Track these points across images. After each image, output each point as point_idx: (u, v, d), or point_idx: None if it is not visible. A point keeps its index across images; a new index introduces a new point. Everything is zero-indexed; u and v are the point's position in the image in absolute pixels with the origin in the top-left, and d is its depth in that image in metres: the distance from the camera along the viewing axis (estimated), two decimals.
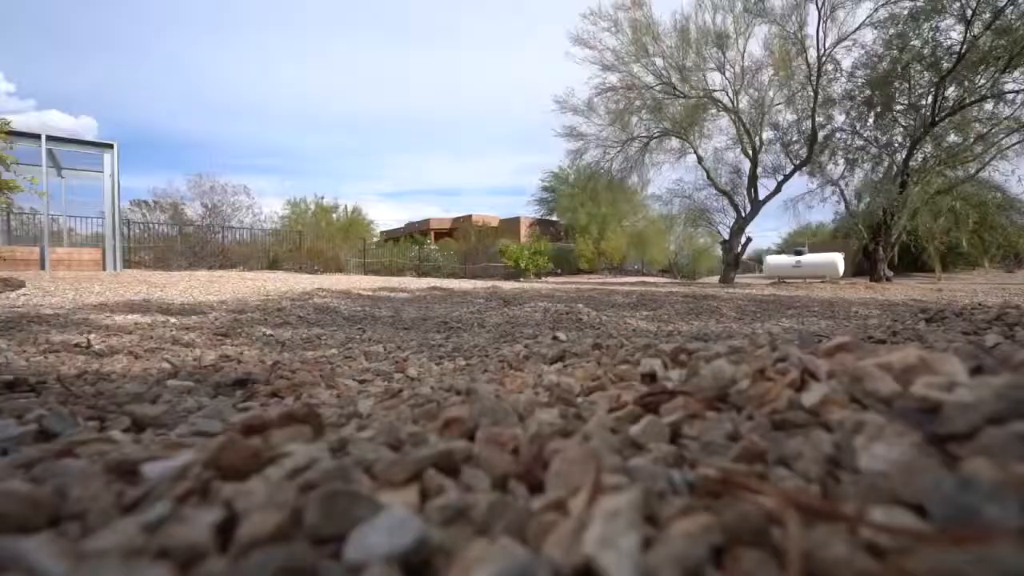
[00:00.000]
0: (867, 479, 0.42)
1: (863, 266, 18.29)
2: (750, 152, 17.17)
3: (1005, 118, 14.30)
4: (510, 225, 32.44)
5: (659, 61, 16.41)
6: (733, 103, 16.82)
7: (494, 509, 0.41)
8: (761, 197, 17.23)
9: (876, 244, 16.36)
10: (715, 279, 19.79)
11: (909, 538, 0.32)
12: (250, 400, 1.27)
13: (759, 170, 17.32)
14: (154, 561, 0.35)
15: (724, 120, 17.80)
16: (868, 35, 15.08)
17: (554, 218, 32.99)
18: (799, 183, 17.93)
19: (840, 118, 17.03)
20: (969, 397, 0.48)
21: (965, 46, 13.39)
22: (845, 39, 15.20)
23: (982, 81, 14.10)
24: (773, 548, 0.34)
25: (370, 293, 6.75)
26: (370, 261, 21.82)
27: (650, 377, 1.01)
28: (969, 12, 13.04)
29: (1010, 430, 0.42)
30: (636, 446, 0.57)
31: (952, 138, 15.83)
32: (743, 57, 16.24)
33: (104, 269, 11.75)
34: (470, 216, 32.41)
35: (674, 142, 18.24)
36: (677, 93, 16.66)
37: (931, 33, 14.13)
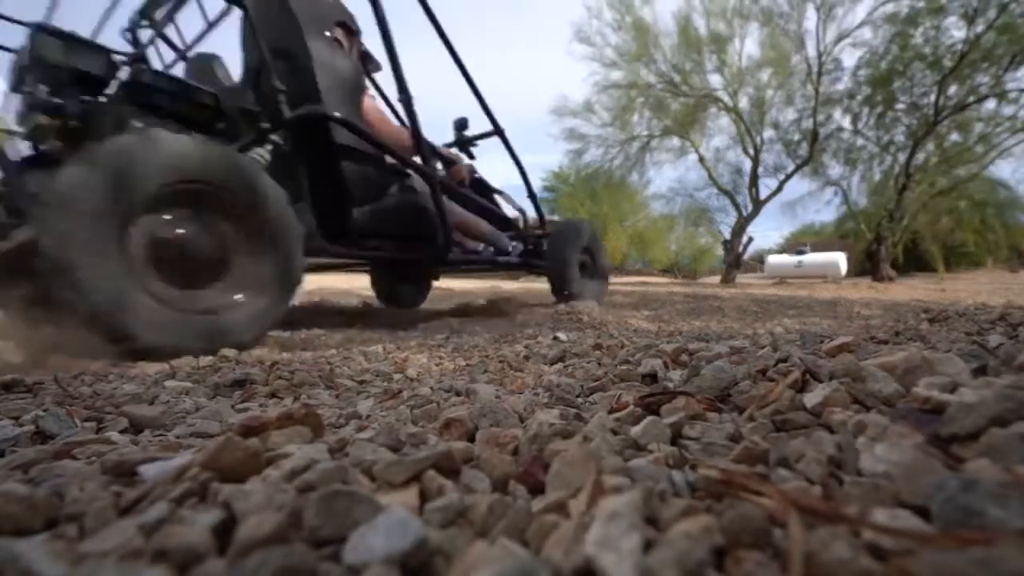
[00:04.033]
0: (869, 480, 0.42)
1: (865, 266, 18.24)
2: (751, 151, 17.17)
3: (1008, 118, 14.28)
4: None
5: (660, 60, 16.43)
6: (733, 102, 16.83)
7: (494, 510, 0.41)
8: (763, 196, 17.24)
9: (878, 244, 16.33)
10: (716, 279, 19.77)
11: (912, 540, 0.32)
12: (248, 401, 1.27)
13: (760, 169, 17.34)
14: (152, 563, 0.34)
15: (725, 119, 17.81)
16: (868, 33, 15.08)
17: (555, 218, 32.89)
18: (801, 182, 17.92)
19: (841, 117, 17.03)
20: (972, 398, 0.48)
21: (967, 44, 13.36)
22: (846, 36, 15.20)
23: (985, 79, 14.07)
24: (774, 549, 0.34)
25: (370, 292, 6.75)
26: None
27: (651, 377, 1.01)
28: (971, 10, 13.00)
29: (1014, 431, 0.42)
30: (637, 447, 0.57)
31: (955, 137, 15.80)
32: (742, 57, 16.26)
33: None
34: None
35: (675, 141, 18.25)
36: (678, 92, 16.67)
37: (933, 31, 14.10)
